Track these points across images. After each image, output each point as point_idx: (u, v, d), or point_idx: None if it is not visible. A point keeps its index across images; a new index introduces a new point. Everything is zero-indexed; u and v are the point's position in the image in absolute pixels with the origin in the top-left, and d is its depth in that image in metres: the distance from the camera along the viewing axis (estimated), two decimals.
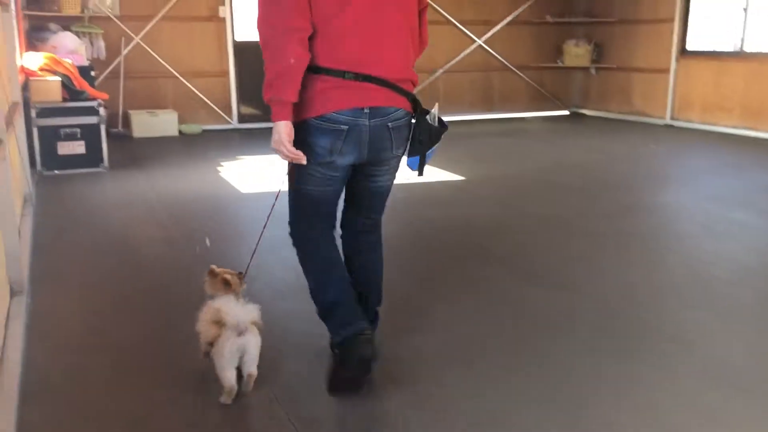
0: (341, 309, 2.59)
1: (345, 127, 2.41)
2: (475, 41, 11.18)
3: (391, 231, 4.84)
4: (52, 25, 8.51)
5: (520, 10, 11.30)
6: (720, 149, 8.39)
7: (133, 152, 8.07)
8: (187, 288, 3.83)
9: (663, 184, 6.75)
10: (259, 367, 2.58)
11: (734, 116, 9.44)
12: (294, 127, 2.38)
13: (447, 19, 10.94)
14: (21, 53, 6.93)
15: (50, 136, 6.69)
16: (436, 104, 2.74)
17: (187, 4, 9.51)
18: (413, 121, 2.61)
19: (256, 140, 9.07)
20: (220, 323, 2.51)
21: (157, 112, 9.34)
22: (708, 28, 10.00)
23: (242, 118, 10.10)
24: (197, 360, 2.72)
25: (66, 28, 8.56)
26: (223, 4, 9.62)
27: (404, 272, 4.05)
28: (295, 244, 2.76)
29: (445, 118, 2.81)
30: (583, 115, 11.88)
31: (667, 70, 10.27)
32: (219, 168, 7.17)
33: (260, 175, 6.86)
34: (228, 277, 2.73)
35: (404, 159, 2.71)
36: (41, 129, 6.64)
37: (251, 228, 4.98)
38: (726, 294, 3.66)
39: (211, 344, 2.56)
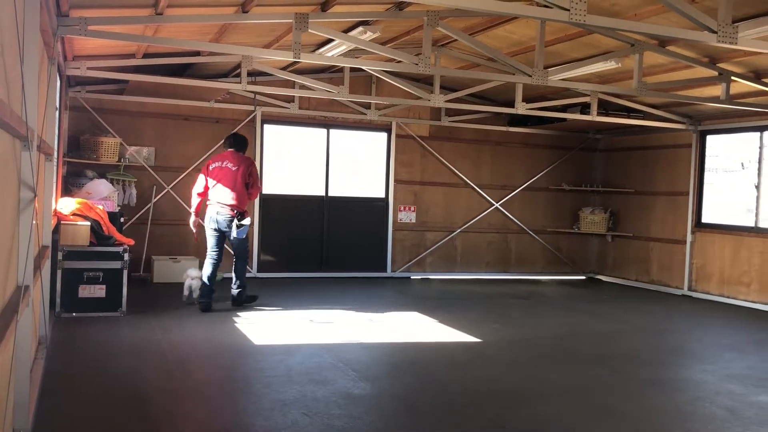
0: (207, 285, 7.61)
1: (212, 217, 7.51)
2: (492, 204, 11.49)
3: (405, 396, 4.72)
4: (89, 172, 8.92)
5: (536, 177, 11.71)
6: (739, 324, 8.28)
7: (152, 298, 8.13)
8: None
9: (683, 358, 6.61)
10: None
11: (752, 291, 9.42)
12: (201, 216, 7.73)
13: (465, 182, 11.33)
14: (56, 198, 7.22)
15: (73, 279, 6.81)
16: (248, 218, 7.55)
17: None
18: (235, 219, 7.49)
19: (274, 289, 9.12)
20: (187, 275, 7.79)
21: (179, 258, 9.51)
22: (724, 203, 10.23)
23: (262, 267, 10.25)
24: None
25: (102, 175, 8.98)
26: (254, 159, 10.08)
27: None
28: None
29: (462, 277, 10.68)
30: (600, 280, 11.91)
31: (683, 242, 10.40)
32: (235, 318, 7.17)
33: (276, 326, 6.84)
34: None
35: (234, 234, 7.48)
36: (65, 271, 6.77)
37: (259, 385, 4.89)
38: None
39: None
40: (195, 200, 7.54)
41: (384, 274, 10.93)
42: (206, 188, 7.47)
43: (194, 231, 7.66)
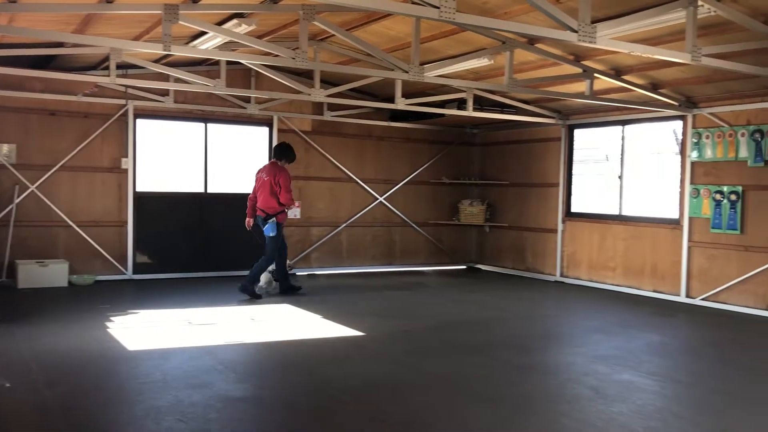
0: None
1: (257, 217, 8.79)
2: (376, 198, 11.60)
3: (286, 396, 4.68)
4: None
5: (417, 171, 11.94)
6: (606, 307, 8.82)
7: (15, 305, 7.61)
8: None
9: (555, 343, 6.95)
10: None
11: (617, 275, 10.05)
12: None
13: (349, 176, 11.37)
14: None
15: None
16: (273, 221, 8.63)
17: (89, 155, 9.48)
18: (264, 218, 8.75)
19: (150, 292, 8.78)
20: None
21: (46, 262, 8.95)
22: (592, 193, 10.83)
23: (137, 269, 9.82)
24: None
25: None
26: (127, 156, 9.65)
27: None
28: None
29: (348, 271, 11.28)
30: (479, 269, 12.32)
31: (555, 230, 10.94)
32: (108, 323, 6.83)
33: (151, 330, 6.58)
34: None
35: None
36: None
37: (131, 392, 4.69)
38: None
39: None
40: (248, 204, 8.86)
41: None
42: (254, 194, 8.79)
43: (248, 229, 8.95)
